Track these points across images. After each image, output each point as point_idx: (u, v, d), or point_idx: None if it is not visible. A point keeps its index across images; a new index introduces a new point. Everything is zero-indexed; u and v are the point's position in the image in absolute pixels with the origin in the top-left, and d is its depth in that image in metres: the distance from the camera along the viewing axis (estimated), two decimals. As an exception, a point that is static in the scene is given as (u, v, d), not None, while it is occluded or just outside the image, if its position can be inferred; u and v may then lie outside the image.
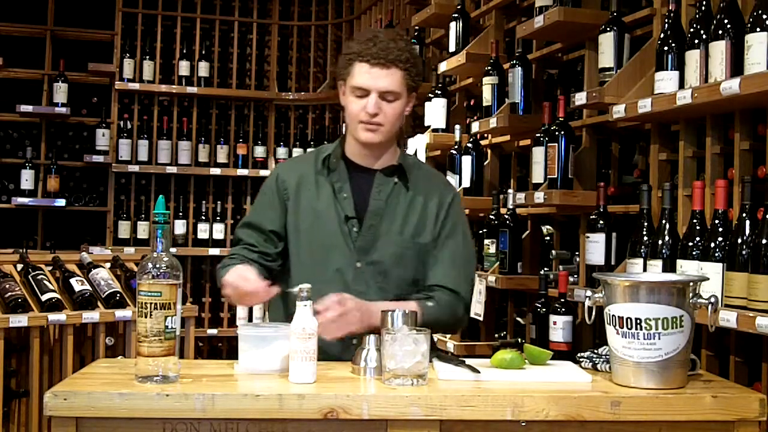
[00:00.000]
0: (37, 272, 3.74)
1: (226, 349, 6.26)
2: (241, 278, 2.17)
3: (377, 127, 2.29)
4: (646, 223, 2.58)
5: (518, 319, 3.73)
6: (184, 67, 6.20)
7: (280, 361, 2.00)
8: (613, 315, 1.95)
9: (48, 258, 3.97)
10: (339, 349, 2.20)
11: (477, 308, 3.50)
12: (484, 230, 3.62)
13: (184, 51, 6.26)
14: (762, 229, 2.07)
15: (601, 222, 2.80)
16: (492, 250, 3.52)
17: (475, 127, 3.67)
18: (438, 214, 2.37)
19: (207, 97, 6.37)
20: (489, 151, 3.91)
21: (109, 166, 6.06)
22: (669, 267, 2.40)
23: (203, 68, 6.25)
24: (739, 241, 2.14)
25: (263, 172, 6.29)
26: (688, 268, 2.28)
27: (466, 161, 3.78)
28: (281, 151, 6.39)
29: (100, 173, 6.18)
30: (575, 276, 3.05)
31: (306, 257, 2.34)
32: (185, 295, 5.45)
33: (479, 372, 1.97)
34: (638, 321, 1.90)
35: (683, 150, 2.60)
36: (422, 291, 2.35)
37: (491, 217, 3.56)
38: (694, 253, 2.28)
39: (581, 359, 2.16)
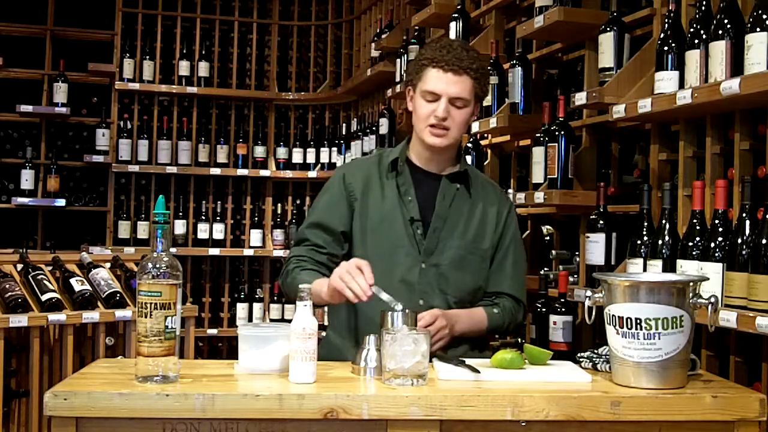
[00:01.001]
0: (37, 272, 3.74)
1: (226, 349, 6.26)
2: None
3: (444, 132, 2.35)
4: (646, 223, 2.58)
5: (518, 319, 3.72)
6: (184, 67, 6.20)
7: (280, 361, 2.00)
8: (613, 315, 1.95)
9: (48, 258, 3.97)
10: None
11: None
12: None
13: (184, 51, 6.26)
14: (762, 229, 2.07)
15: (601, 222, 2.80)
16: (492, 250, 3.51)
17: (475, 127, 3.67)
18: (498, 223, 2.47)
19: (207, 97, 6.37)
20: (489, 151, 3.91)
21: (109, 166, 6.05)
22: (669, 267, 2.40)
23: (203, 68, 6.24)
24: (739, 241, 2.15)
25: (263, 172, 6.30)
26: (688, 268, 2.28)
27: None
28: (281, 151, 6.38)
29: (100, 173, 6.18)
30: (575, 276, 3.05)
31: (373, 258, 2.33)
32: (185, 295, 5.45)
33: (479, 372, 1.97)
34: (638, 321, 1.90)
35: (683, 150, 2.60)
36: (486, 297, 2.47)
37: (491, 217, 3.56)
38: (694, 253, 2.28)
39: (581, 359, 2.17)
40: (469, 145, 3.79)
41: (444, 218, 2.41)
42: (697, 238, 2.29)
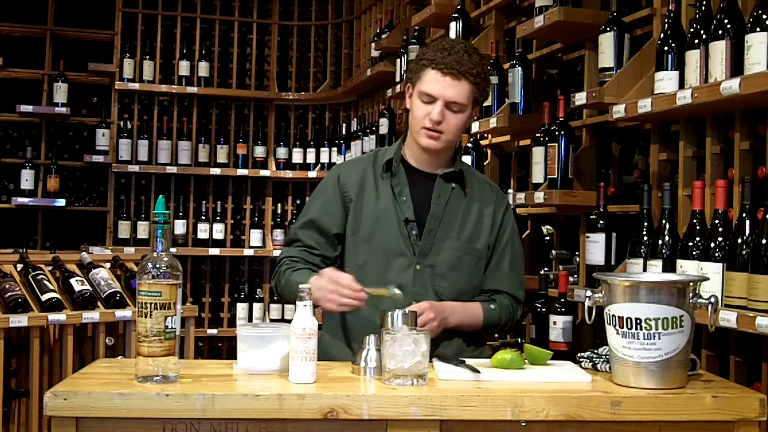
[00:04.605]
0: (37, 272, 3.74)
1: (226, 349, 6.26)
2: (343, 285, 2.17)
3: (438, 135, 2.33)
4: (646, 223, 2.58)
5: (518, 319, 3.72)
6: (184, 67, 6.20)
7: (279, 361, 2.00)
8: (613, 315, 1.95)
9: (48, 258, 3.97)
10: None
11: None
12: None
13: (184, 51, 6.26)
14: (762, 229, 2.07)
15: (601, 222, 2.80)
16: (492, 250, 3.51)
17: (475, 127, 3.67)
18: (494, 223, 2.44)
19: (207, 97, 6.37)
20: (489, 151, 3.91)
21: (109, 166, 6.05)
22: (669, 267, 2.40)
23: (203, 68, 6.25)
24: (739, 241, 2.15)
25: (263, 172, 6.30)
26: (688, 268, 2.28)
27: (466, 161, 3.78)
28: (281, 151, 6.38)
29: (100, 173, 6.18)
30: (575, 276, 3.05)
31: (365, 259, 2.36)
32: (185, 295, 5.45)
33: (479, 372, 1.97)
34: (638, 321, 1.90)
35: (683, 150, 2.60)
36: (483, 294, 2.44)
37: (491, 217, 3.56)
38: (694, 253, 2.28)
39: (581, 359, 2.17)
40: (469, 145, 3.80)
41: (439, 219, 2.39)
42: (697, 238, 2.29)
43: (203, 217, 6.21)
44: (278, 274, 2.42)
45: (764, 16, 2.11)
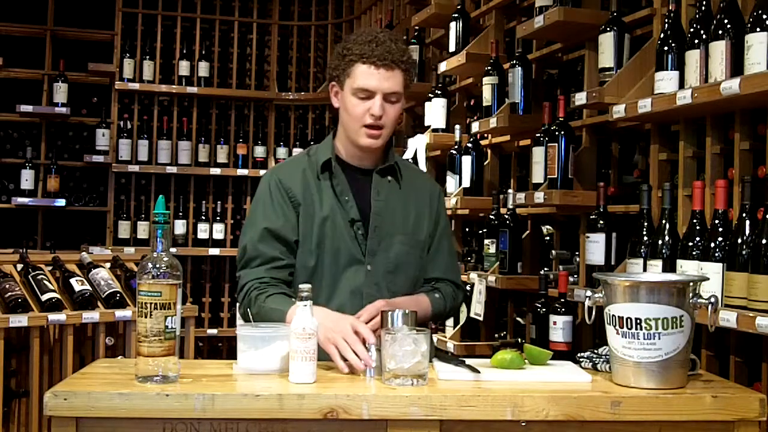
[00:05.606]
0: (37, 272, 3.74)
1: (226, 349, 6.26)
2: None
3: (380, 132, 2.27)
4: (646, 223, 2.58)
5: (518, 319, 3.73)
6: (184, 67, 6.20)
7: (279, 361, 2.00)
8: (613, 315, 1.95)
9: (48, 258, 3.97)
10: None
11: (477, 308, 3.50)
12: (484, 230, 3.62)
13: (184, 51, 6.26)
14: (762, 229, 2.07)
15: (601, 222, 2.80)
16: (492, 250, 3.52)
17: (475, 127, 3.67)
18: (431, 211, 2.43)
19: (207, 97, 6.37)
20: (489, 151, 3.91)
21: (109, 166, 6.06)
22: (669, 267, 2.40)
23: (203, 68, 6.25)
24: (739, 241, 2.15)
25: (263, 172, 6.27)
26: (688, 268, 2.28)
27: (466, 161, 3.78)
28: (281, 151, 6.39)
29: (100, 173, 6.18)
30: (575, 276, 3.05)
31: (315, 262, 2.31)
32: (185, 295, 5.45)
33: (479, 372, 1.97)
34: (638, 321, 1.90)
35: (683, 150, 2.60)
36: (425, 283, 2.42)
37: (491, 217, 3.56)
38: (694, 253, 2.28)
39: (581, 359, 2.16)
40: (469, 145, 3.80)
41: (382, 215, 2.33)
42: (697, 238, 2.29)
43: (203, 217, 6.22)
44: (248, 302, 2.27)
45: (764, 16, 2.11)
